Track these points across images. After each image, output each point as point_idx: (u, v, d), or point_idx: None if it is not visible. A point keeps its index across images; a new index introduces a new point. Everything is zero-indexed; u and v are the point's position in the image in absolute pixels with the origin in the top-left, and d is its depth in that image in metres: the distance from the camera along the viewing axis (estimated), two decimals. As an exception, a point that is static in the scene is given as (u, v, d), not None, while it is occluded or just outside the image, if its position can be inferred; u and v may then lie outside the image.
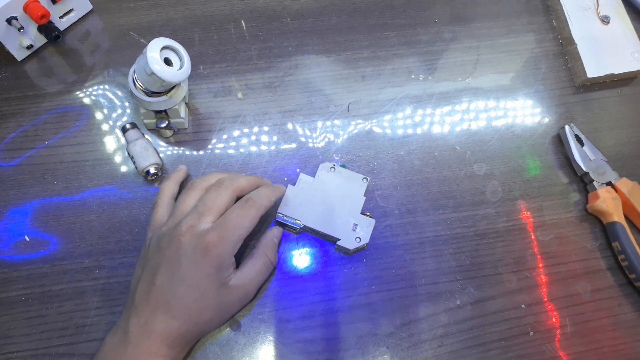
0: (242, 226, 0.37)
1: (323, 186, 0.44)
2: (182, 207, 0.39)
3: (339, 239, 0.42)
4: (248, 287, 0.39)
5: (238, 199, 0.40)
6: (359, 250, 0.44)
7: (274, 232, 0.42)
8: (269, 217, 0.44)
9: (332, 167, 0.45)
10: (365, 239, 0.43)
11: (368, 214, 0.44)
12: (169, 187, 0.43)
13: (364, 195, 0.44)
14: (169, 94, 0.43)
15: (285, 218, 0.43)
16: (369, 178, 0.45)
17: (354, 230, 0.43)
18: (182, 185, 0.45)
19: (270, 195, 0.40)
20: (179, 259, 0.36)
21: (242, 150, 0.48)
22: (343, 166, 0.46)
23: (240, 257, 0.43)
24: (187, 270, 0.36)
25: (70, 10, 0.51)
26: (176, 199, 0.42)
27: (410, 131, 0.50)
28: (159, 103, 0.43)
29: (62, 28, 0.51)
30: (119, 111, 0.48)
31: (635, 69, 0.52)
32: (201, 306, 0.36)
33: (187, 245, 0.36)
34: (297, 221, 0.43)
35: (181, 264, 0.36)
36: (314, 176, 0.45)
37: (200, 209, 0.38)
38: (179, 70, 0.41)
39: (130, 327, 0.35)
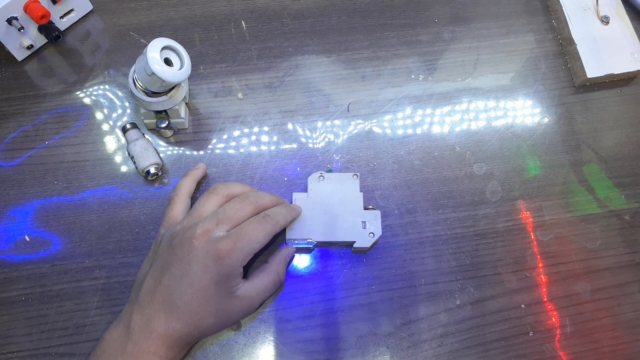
0: (256, 240, 0.37)
1: (319, 197, 0.44)
2: (201, 210, 0.39)
3: (354, 241, 0.42)
4: (254, 299, 0.38)
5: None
6: (374, 245, 0.44)
7: (289, 251, 0.42)
8: (278, 238, 0.44)
9: (320, 176, 0.44)
10: (378, 232, 0.43)
11: (371, 207, 0.44)
12: (186, 184, 0.43)
13: (360, 191, 0.44)
14: (169, 94, 0.43)
15: (295, 242, 0.42)
16: (358, 174, 0.45)
17: (364, 228, 0.43)
18: (199, 184, 0.45)
19: (287, 214, 0.40)
20: (189, 262, 0.36)
21: (242, 150, 0.48)
22: (330, 171, 0.46)
23: (247, 268, 0.43)
24: (196, 275, 0.36)
25: (71, 11, 0.51)
26: (192, 197, 0.43)
27: (410, 131, 0.50)
28: (159, 103, 0.43)
29: (62, 28, 0.51)
30: (119, 111, 0.49)
31: (635, 69, 0.52)
32: (205, 311, 0.36)
33: (200, 250, 0.36)
34: (308, 240, 0.42)
35: (191, 267, 0.36)
36: (305, 191, 0.44)
37: (220, 216, 0.38)
38: (179, 71, 0.41)
39: (132, 324, 0.35)
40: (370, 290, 0.43)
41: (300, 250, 0.44)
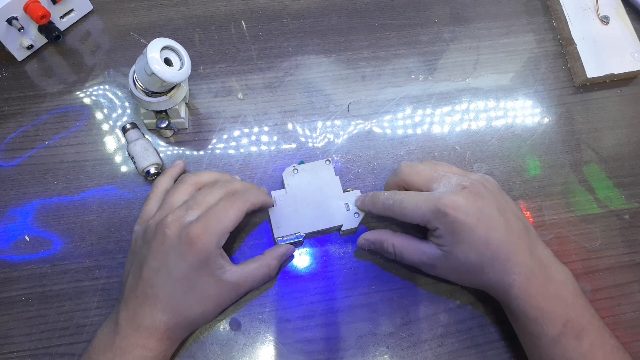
0: (227, 219, 0.37)
1: (298, 190, 0.44)
2: (171, 201, 0.39)
3: (342, 224, 0.43)
4: (242, 286, 0.39)
5: None
6: (360, 224, 0.44)
7: (286, 249, 0.42)
8: (261, 212, 0.44)
9: (294, 170, 0.45)
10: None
11: (350, 189, 0.45)
12: (163, 182, 0.43)
13: (337, 175, 0.45)
14: (169, 94, 0.43)
15: (285, 239, 0.42)
16: (330, 159, 0.45)
17: (348, 209, 0.43)
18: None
19: (258, 194, 0.40)
20: (165, 252, 0.36)
21: (242, 150, 0.48)
22: (301, 162, 0.46)
23: (229, 251, 0.43)
24: (173, 264, 0.36)
25: (71, 11, 0.51)
26: None
27: (410, 131, 0.50)
28: (159, 103, 0.43)
29: (62, 28, 0.51)
30: (119, 111, 0.49)
31: (635, 69, 0.52)
32: (190, 299, 0.36)
33: (173, 238, 0.36)
34: (297, 234, 0.42)
35: (167, 257, 0.36)
36: (283, 187, 0.44)
37: (190, 203, 0.38)
38: (179, 71, 0.41)
39: (120, 320, 0.36)
40: (370, 290, 0.43)
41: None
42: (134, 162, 0.45)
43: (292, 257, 0.44)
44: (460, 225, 0.36)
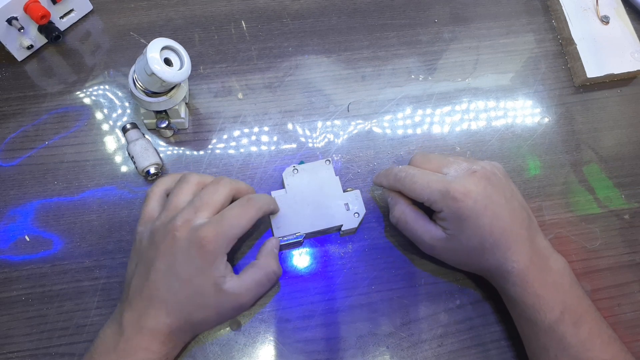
0: (239, 225, 0.37)
1: (298, 190, 0.44)
2: (176, 201, 0.38)
3: (342, 224, 0.43)
4: (244, 295, 0.37)
5: (233, 200, 0.40)
6: (360, 224, 0.44)
7: (272, 242, 0.41)
8: (261, 225, 0.44)
9: (294, 170, 0.45)
10: (362, 211, 0.43)
11: (349, 189, 0.45)
12: (164, 182, 0.42)
13: (337, 175, 0.45)
14: (169, 94, 0.43)
15: (285, 239, 0.42)
16: (330, 159, 0.45)
17: (348, 209, 0.43)
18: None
19: (270, 201, 0.40)
20: (174, 254, 0.36)
21: (242, 150, 0.48)
22: (301, 162, 0.46)
23: (232, 261, 0.43)
24: (181, 266, 0.35)
25: (71, 11, 0.51)
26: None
27: (410, 131, 0.50)
28: (159, 103, 0.43)
29: (62, 28, 0.51)
30: (119, 111, 0.49)
31: (635, 69, 0.52)
32: (195, 304, 0.36)
33: (183, 240, 0.36)
34: (297, 234, 0.42)
35: (176, 259, 0.35)
36: (283, 187, 0.44)
37: (197, 203, 0.37)
38: (179, 71, 0.41)
39: (123, 321, 0.35)
40: (370, 290, 0.43)
41: (291, 246, 0.44)
42: (134, 162, 0.45)
43: (282, 248, 0.43)
44: (467, 212, 0.36)
